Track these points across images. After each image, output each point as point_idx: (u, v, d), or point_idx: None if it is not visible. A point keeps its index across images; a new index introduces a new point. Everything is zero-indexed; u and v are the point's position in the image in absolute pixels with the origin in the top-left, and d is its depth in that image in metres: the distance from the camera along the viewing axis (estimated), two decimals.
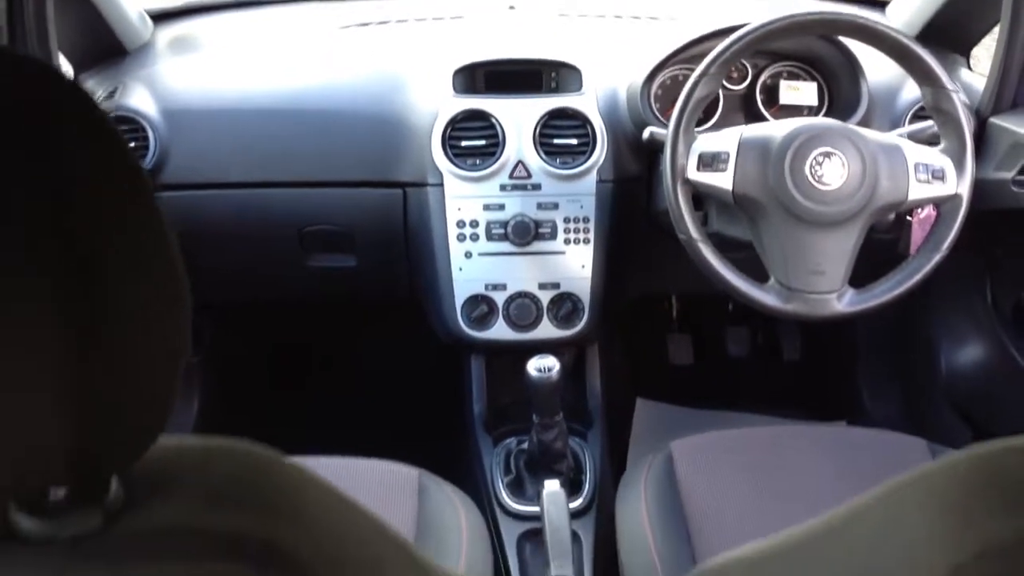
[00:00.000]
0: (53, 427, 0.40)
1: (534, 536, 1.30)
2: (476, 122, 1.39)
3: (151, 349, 0.43)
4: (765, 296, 1.18)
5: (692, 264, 1.22)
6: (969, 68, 1.53)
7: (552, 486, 1.16)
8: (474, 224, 1.40)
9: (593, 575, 1.25)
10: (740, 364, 1.94)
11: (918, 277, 1.19)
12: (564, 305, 1.42)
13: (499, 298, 1.41)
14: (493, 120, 1.39)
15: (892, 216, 1.26)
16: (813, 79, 1.46)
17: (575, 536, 1.26)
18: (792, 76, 1.47)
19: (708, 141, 1.21)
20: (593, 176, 1.39)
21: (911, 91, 1.41)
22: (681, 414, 1.82)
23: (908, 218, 1.28)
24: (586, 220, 1.40)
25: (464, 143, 1.39)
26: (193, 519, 0.44)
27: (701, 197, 1.27)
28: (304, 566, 0.46)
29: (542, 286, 1.42)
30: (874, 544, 0.55)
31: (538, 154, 1.39)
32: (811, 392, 1.93)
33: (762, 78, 1.46)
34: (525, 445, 1.39)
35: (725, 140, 1.20)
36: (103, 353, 0.41)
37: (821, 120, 1.21)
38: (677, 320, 1.87)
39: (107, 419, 0.42)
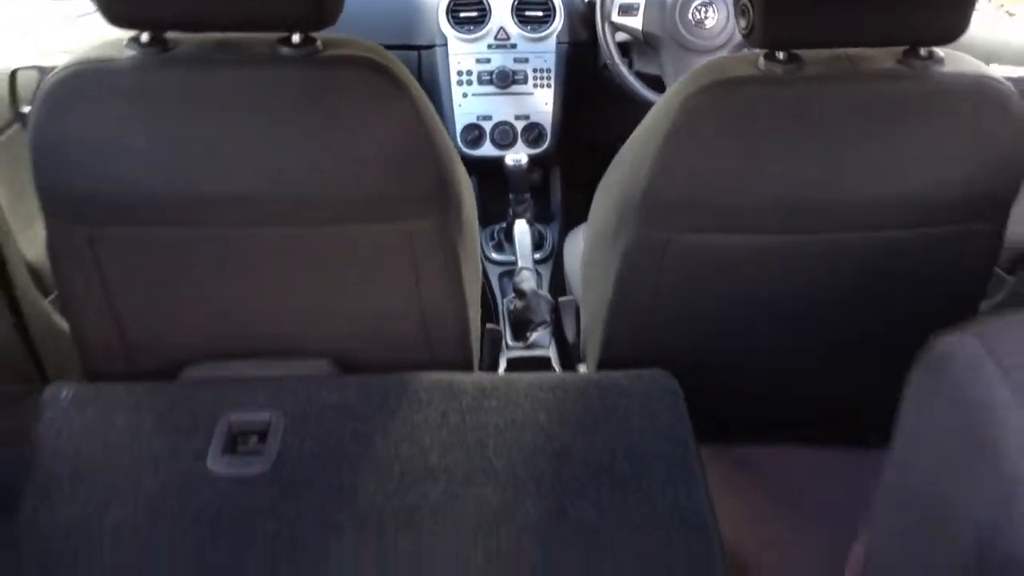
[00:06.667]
0: None
1: (508, 274, 1.88)
2: (471, 1, 1.97)
3: None
4: None
5: (628, 115, 1.78)
6: None
7: (521, 224, 1.75)
8: (469, 73, 1.97)
9: (550, 285, 1.84)
10: None
11: None
12: (533, 131, 1.99)
13: (487, 126, 1.99)
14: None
15: None
16: None
17: (537, 273, 1.84)
18: None
19: None
20: (554, 39, 1.97)
21: None
22: None
23: None
24: (548, 71, 1.98)
25: (462, 15, 1.97)
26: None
27: (626, 45, 1.85)
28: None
29: (517, 117, 1.99)
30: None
31: (515, 23, 1.96)
32: None
33: None
34: (504, 225, 1.97)
35: None
36: None
37: None
38: None
39: None
